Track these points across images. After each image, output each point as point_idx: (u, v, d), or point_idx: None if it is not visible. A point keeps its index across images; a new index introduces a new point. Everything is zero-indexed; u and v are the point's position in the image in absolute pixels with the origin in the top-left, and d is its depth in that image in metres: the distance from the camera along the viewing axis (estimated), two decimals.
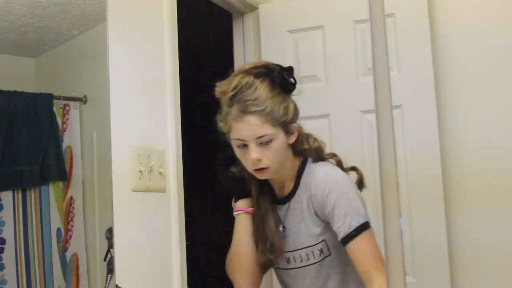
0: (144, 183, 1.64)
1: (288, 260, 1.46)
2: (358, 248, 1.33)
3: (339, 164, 1.47)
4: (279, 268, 1.51)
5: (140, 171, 1.62)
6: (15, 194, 1.36)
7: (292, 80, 1.39)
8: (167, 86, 1.80)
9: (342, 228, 1.32)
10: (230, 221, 1.76)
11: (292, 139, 1.40)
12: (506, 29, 2.19)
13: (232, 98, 1.33)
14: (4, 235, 1.31)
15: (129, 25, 1.68)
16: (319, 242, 1.40)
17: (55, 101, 1.46)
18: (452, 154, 2.23)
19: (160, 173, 1.70)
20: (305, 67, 2.35)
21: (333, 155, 1.49)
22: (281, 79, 1.36)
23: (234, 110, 1.32)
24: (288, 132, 1.38)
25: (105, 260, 1.49)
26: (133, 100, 1.67)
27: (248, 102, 1.31)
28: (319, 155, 1.46)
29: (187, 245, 1.79)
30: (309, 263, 1.43)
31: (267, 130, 1.32)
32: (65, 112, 1.48)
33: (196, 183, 2.74)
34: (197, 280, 2.40)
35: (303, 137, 1.45)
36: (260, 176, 1.38)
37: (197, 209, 2.58)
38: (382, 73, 0.68)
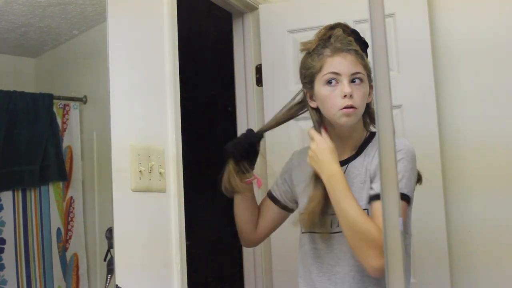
0: (144, 183, 1.64)
1: (332, 222, 1.47)
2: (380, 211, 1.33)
3: None
4: (318, 232, 1.51)
5: (140, 171, 1.62)
6: (15, 194, 1.36)
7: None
8: (167, 86, 1.80)
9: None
10: (230, 221, 1.77)
11: (369, 98, 1.48)
12: (507, 29, 2.19)
13: (325, 42, 1.44)
14: (4, 235, 1.31)
15: (129, 25, 1.68)
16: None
17: (55, 101, 1.46)
18: (452, 154, 2.23)
19: (160, 173, 1.70)
20: None
21: None
22: (361, 37, 1.49)
23: (330, 48, 1.43)
24: (369, 86, 1.46)
25: (105, 260, 1.49)
26: (133, 100, 1.67)
27: (344, 42, 1.43)
28: None
29: (187, 245, 1.78)
30: None
31: (361, 69, 1.43)
32: (65, 112, 1.49)
33: (196, 183, 2.73)
34: (197, 280, 2.40)
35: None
36: (346, 118, 1.42)
37: (197, 209, 2.58)
38: (382, 73, 0.68)
